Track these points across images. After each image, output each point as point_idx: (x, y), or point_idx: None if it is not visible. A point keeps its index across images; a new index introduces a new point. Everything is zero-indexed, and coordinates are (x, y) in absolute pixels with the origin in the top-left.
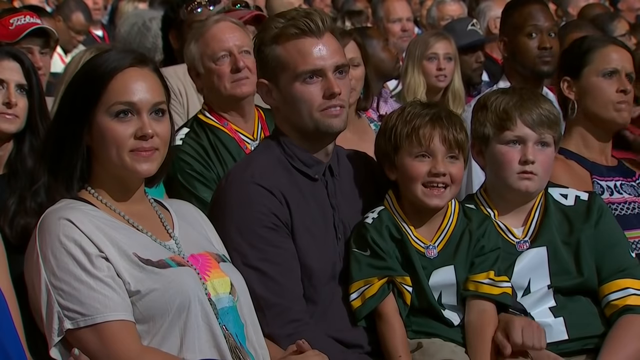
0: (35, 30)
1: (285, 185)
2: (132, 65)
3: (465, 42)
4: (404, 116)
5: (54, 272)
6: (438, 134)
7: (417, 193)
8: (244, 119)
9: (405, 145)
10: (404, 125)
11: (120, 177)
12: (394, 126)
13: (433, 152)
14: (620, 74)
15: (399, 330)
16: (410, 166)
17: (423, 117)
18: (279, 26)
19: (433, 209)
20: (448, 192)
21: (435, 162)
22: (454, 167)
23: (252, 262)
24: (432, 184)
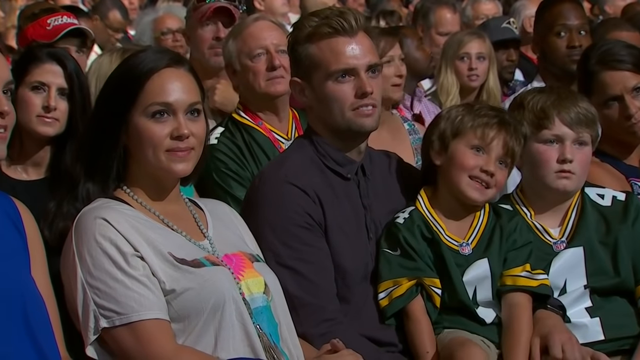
0: (72, 30)
1: (318, 184)
2: (168, 65)
3: (496, 39)
4: (473, 109)
5: (90, 271)
6: (502, 137)
7: (461, 182)
8: (278, 118)
9: (466, 134)
10: (473, 117)
11: (156, 176)
12: (461, 115)
13: (489, 151)
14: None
15: (425, 327)
16: (464, 154)
17: (492, 117)
18: (313, 25)
19: (469, 203)
20: (489, 192)
21: (489, 160)
22: (500, 172)
23: (286, 262)
24: (477, 179)
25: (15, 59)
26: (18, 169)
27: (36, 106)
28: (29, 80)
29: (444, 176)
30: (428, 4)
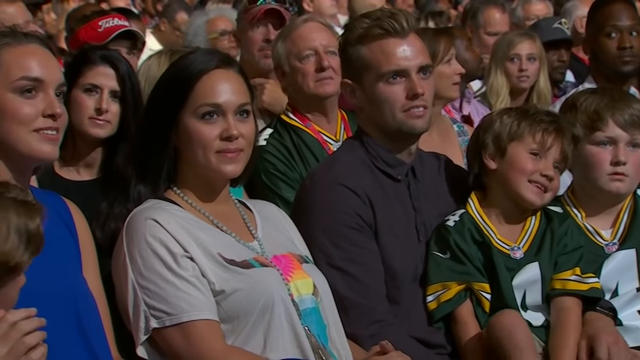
0: (123, 32)
1: (369, 185)
2: (218, 66)
3: (547, 39)
4: (529, 114)
5: (140, 271)
6: (559, 143)
7: (521, 186)
8: (327, 120)
9: (524, 138)
10: (531, 122)
11: (206, 177)
12: (517, 119)
13: (547, 156)
14: None
15: (474, 332)
16: (524, 159)
17: (550, 123)
18: (364, 26)
19: (526, 207)
20: (547, 196)
21: (547, 165)
22: (556, 176)
23: (336, 263)
24: (537, 183)
25: (68, 60)
26: (70, 169)
27: (88, 108)
28: (81, 82)
29: (499, 180)
30: (477, 4)
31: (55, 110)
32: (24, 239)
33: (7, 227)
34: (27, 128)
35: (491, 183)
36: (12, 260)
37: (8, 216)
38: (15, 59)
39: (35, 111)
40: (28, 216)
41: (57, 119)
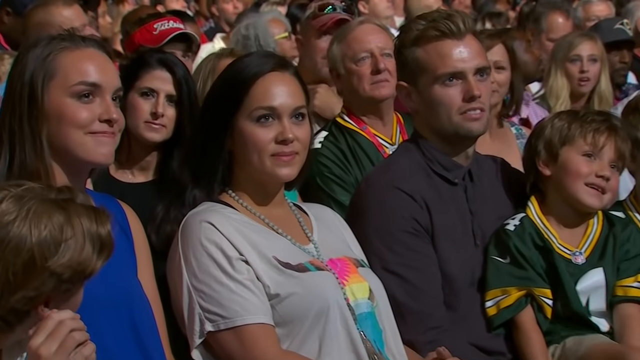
0: (178, 35)
1: (425, 189)
2: (274, 69)
3: (608, 40)
4: (579, 116)
5: (195, 274)
6: (613, 142)
7: (578, 190)
8: (382, 123)
9: (576, 141)
10: (581, 123)
11: (261, 181)
12: (567, 122)
13: (601, 156)
14: None
15: (536, 339)
16: (577, 162)
17: (601, 122)
18: (420, 28)
19: (585, 210)
20: (606, 197)
21: (602, 165)
22: (614, 176)
23: (392, 267)
24: (594, 185)
25: (124, 63)
26: (125, 172)
27: (144, 112)
28: (138, 86)
29: (556, 185)
30: (541, 9)
31: (111, 115)
32: (97, 247)
33: (82, 236)
34: (82, 131)
35: (548, 189)
36: (88, 269)
37: (82, 224)
38: (73, 64)
39: (92, 116)
40: (99, 223)
41: (114, 124)
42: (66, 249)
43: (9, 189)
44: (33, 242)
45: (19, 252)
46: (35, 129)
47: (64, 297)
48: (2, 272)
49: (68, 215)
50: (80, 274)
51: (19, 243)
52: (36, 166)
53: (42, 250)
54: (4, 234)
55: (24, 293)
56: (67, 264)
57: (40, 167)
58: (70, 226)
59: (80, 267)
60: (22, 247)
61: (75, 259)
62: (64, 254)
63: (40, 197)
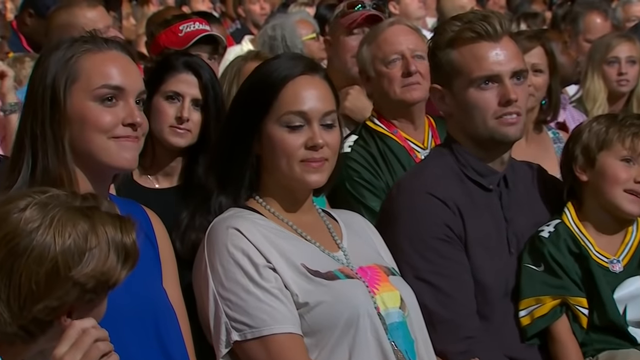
0: (204, 37)
1: (458, 195)
2: (304, 73)
3: None
4: (617, 120)
5: (221, 282)
6: None
7: (616, 197)
8: (414, 126)
9: (613, 146)
10: (619, 127)
11: (289, 187)
12: (605, 126)
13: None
14: None
15: (573, 349)
16: (615, 168)
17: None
18: (455, 29)
19: (625, 217)
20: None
21: None
22: None
23: (424, 275)
24: (632, 191)
25: (148, 65)
26: (149, 178)
27: (169, 116)
28: (163, 90)
29: (593, 192)
30: (578, 9)
31: (135, 119)
32: (122, 256)
33: (107, 245)
34: (106, 135)
35: (585, 195)
36: (112, 279)
37: (107, 233)
38: (95, 66)
39: (115, 120)
40: (124, 231)
41: (137, 128)
42: (90, 258)
43: (33, 196)
44: (57, 250)
45: (42, 261)
46: (58, 133)
47: (88, 307)
48: (25, 281)
49: (93, 223)
50: (104, 284)
51: (43, 252)
52: (59, 172)
53: (65, 259)
54: (27, 242)
55: (46, 303)
56: (91, 273)
57: (63, 173)
58: (94, 235)
59: (104, 277)
60: (45, 255)
61: (99, 269)
62: (88, 264)
63: (65, 205)
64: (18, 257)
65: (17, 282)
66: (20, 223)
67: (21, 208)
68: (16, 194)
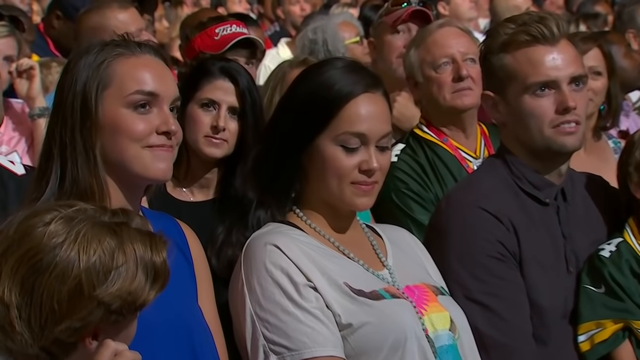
0: (241, 40)
1: (512, 210)
2: (366, 91)
3: None
4: None
5: (259, 302)
6: None
7: None
8: (465, 135)
9: None
10: None
11: (334, 205)
12: None
13: None
14: None
15: None
16: None
17: None
18: (509, 32)
19: None
20: None
21: None
22: None
23: (475, 296)
24: None
25: (182, 71)
26: (184, 190)
27: (205, 125)
28: (199, 97)
29: None
30: (633, 6)
31: (170, 127)
32: (151, 276)
33: (135, 264)
34: (139, 144)
35: None
36: (139, 300)
37: (135, 250)
38: (128, 72)
39: (149, 128)
40: (154, 250)
41: (172, 136)
42: (116, 277)
43: (60, 210)
44: (81, 268)
45: (65, 279)
46: (89, 142)
47: (114, 330)
48: (47, 299)
49: (120, 240)
50: (130, 304)
51: (66, 268)
52: (89, 182)
53: (90, 277)
54: (50, 257)
55: (69, 323)
56: (116, 293)
57: (93, 184)
58: (122, 252)
59: (131, 298)
60: (69, 273)
61: (125, 289)
62: (114, 283)
63: (92, 220)
64: (40, 273)
65: (38, 301)
66: (44, 238)
67: (46, 222)
68: (42, 207)
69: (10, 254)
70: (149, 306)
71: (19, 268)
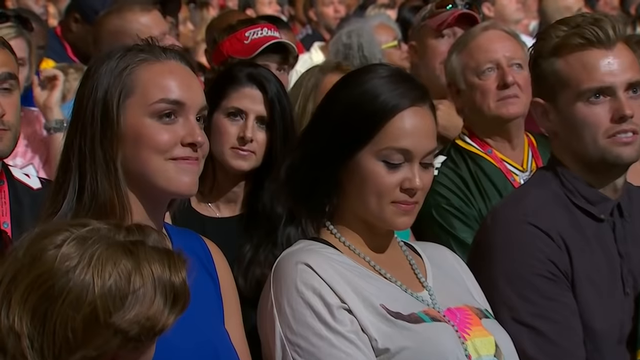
0: (272, 45)
1: (564, 226)
2: (413, 104)
3: None
4: None
5: (289, 325)
6: None
7: None
8: (511, 146)
9: None
10: None
11: (371, 223)
12: None
13: None
14: None
15: None
16: None
17: None
18: (561, 35)
19: None
20: None
21: None
22: None
23: (524, 319)
24: None
25: (209, 77)
26: (209, 205)
27: (231, 136)
28: (225, 106)
29: None
30: None
31: (196, 138)
32: (170, 298)
33: (152, 287)
34: (163, 156)
35: None
36: (158, 325)
37: (153, 272)
38: (153, 79)
39: (174, 139)
40: (173, 269)
41: (198, 148)
42: (134, 302)
43: (72, 230)
44: (96, 293)
45: (80, 306)
46: (109, 153)
47: (132, 356)
48: (60, 328)
49: (137, 261)
50: (149, 330)
51: (80, 294)
52: (109, 196)
53: (105, 304)
54: (63, 282)
55: (84, 352)
56: (134, 319)
57: (114, 198)
58: (139, 274)
59: (149, 323)
60: (83, 299)
61: (143, 314)
62: (131, 308)
63: (107, 240)
64: (53, 300)
65: (51, 330)
66: (56, 262)
67: (57, 244)
68: (53, 227)
69: (21, 279)
70: (173, 330)
71: (30, 295)
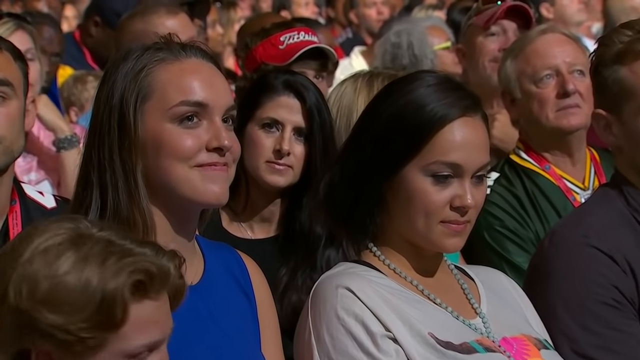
0: (310, 50)
1: (630, 248)
2: (464, 114)
3: None
4: None
5: (329, 355)
6: None
7: None
8: (571, 161)
9: None
10: None
11: (418, 244)
12: None
13: None
14: None
15: None
16: None
17: None
18: (625, 40)
19: None
20: None
21: None
22: None
23: (586, 350)
24: None
25: (240, 85)
26: (242, 225)
27: (266, 149)
28: (259, 116)
29: None
30: None
31: (222, 142)
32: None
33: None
34: (187, 164)
35: None
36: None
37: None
38: (172, 79)
39: (198, 144)
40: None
41: (226, 152)
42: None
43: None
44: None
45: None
46: (128, 164)
47: None
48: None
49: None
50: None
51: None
52: (130, 212)
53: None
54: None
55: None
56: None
57: (135, 213)
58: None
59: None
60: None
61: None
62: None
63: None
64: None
65: None
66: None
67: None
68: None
69: None
70: (204, 355)
71: None
